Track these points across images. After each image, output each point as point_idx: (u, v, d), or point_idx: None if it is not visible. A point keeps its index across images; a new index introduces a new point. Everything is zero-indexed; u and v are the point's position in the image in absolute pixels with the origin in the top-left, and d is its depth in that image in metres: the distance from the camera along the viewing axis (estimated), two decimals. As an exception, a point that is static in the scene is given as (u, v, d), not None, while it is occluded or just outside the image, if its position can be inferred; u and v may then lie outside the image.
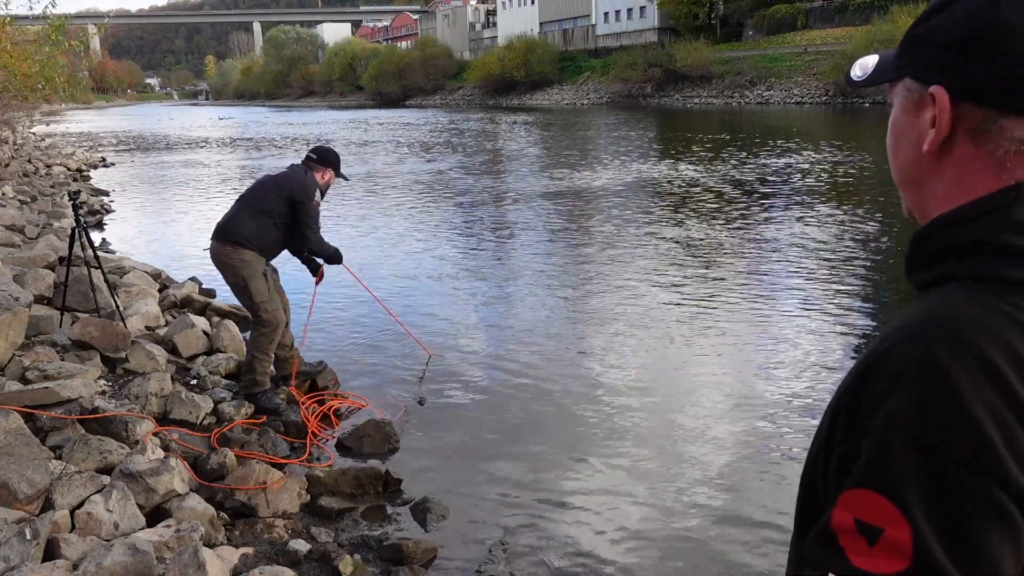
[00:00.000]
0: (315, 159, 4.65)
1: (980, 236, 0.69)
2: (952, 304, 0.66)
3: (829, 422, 0.69)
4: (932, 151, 0.75)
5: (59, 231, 8.66)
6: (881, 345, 0.67)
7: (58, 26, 13.92)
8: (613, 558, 3.20)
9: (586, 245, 9.24)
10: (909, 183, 0.79)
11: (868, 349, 0.69)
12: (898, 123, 0.79)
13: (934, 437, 0.60)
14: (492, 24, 79.02)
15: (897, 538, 0.59)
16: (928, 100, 0.74)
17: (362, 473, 3.73)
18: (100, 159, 21.98)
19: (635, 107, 43.78)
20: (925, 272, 0.74)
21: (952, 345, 0.62)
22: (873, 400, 0.64)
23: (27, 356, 4.35)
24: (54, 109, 46.54)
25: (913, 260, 0.76)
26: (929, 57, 0.75)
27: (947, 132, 0.73)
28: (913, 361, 0.63)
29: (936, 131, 0.74)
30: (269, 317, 4.42)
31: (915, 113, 0.76)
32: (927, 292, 0.72)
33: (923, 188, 0.77)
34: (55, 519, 2.82)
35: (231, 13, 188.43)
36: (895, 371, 0.63)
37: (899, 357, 0.64)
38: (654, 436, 4.24)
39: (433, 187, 14.97)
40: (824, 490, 0.68)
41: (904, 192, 0.81)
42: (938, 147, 0.74)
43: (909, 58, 0.77)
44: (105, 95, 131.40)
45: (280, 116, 53.97)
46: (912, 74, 0.77)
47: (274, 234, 4.47)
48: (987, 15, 0.69)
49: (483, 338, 6.00)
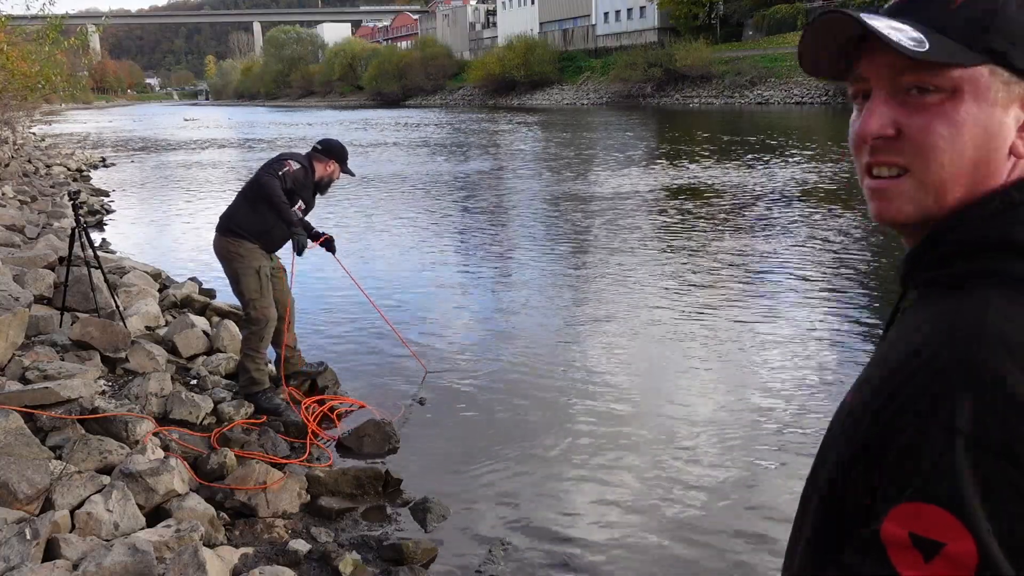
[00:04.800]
0: (320, 150, 4.66)
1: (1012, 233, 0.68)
2: (996, 309, 0.64)
3: (868, 428, 0.65)
4: (1021, 154, 0.71)
5: (59, 231, 8.65)
6: (926, 350, 0.64)
7: (56, 25, 13.92)
8: (613, 558, 3.20)
9: (587, 247, 9.24)
10: (961, 184, 0.71)
11: (904, 353, 0.66)
12: (974, 116, 0.70)
13: (997, 446, 0.58)
14: (492, 24, 79.03)
15: (959, 551, 0.57)
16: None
17: (362, 473, 3.73)
18: (100, 159, 21.97)
19: (635, 107, 43.78)
20: (938, 269, 0.72)
21: (1005, 351, 0.61)
22: (924, 410, 0.61)
23: (27, 356, 4.35)
24: (54, 109, 46.52)
25: (928, 257, 0.74)
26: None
27: None
28: (966, 368, 0.60)
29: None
30: (258, 315, 4.43)
31: (1004, 107, 0.70)
32: (950, 292, 0.69)
33: (972, 190, 0.72)
34: (55, 519, 2.82)
35: (231, 13, 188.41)
36: (948, 379, 0.61)
37: (950, 364, 0.61)
38: (654, 437, 4.24)
39: (434, 188, 14.97)
40: (859, 499, 0.64)
41: (940, 193, 0.72)
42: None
43: (999, 42, 0.69)
44: (105, 95, 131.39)
45: (280, 116, 54.00)
46: (1004, 63, 0.70)
47: (268, 221, 4.46)
48: None
49: (483, 340, 6.00)
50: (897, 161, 0.73)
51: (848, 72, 0.78)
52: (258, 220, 4.45)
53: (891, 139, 0.72)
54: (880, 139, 0.73)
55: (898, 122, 0.72)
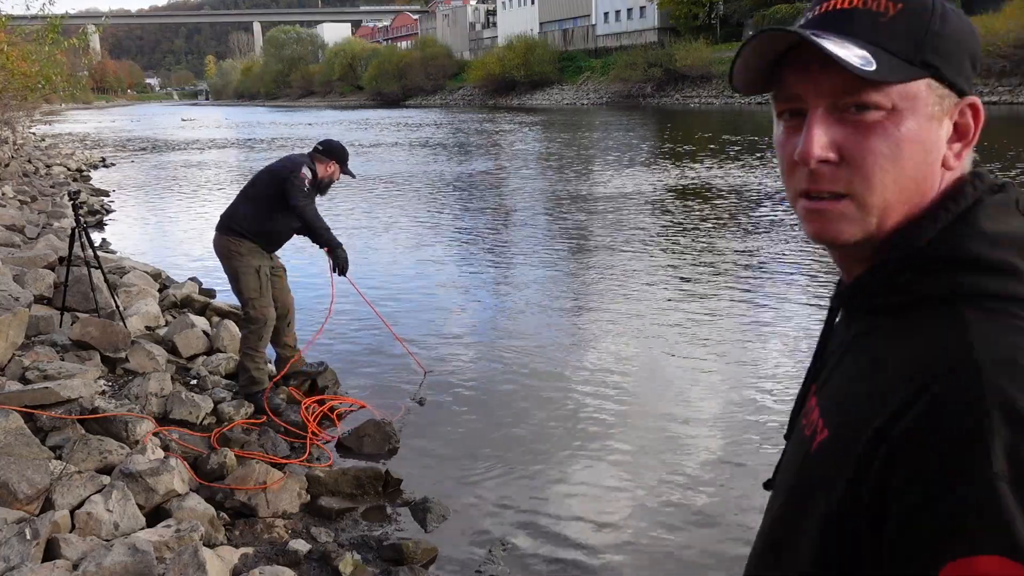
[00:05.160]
0: (320, 150, 4.67)
1: (977, 250, 0.67)
2: (987, 333, 0.63)
3: (878, 476, 0.61)
4: (952, 167, 0.72)
5: (59, 231, 8.65)
6: (929, 387, 0.61)
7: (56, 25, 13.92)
8: (613, 558, 3.20)
9: (588, 247, 9.24)
10: (904, 202, 0.71)
11: (897, 390, 0.63)
12: (914, 132, 0.69)
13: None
14: (492, 24, 79.03)
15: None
16: (960, 110, 0.72)
17: (362, 473, 3.73)
18: (100, 159, 21.97)
19: (635, 107, 43.78)
20: (897, 293, 0.70)
21: (1007, 377, 0.59)
22: (954, 454, 0.57)
23: (27, 356, 4.35)
24: (54, 109, 46.52)
25: (883, 281, 0.72)
26: (956, 64, 0.71)
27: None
28: (982, 405, 0.58)
29: (968, 144, 0.72)
30: (256, 314, 4.44)
31: (939, 121, 0.71)
32: (920, 316, 0.68)
33: (913, 207, 0.71)
34: (55, 519, 2.82)
35: (231, 13, 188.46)
36: (970, 421, 0.58)
37: (963, 404, 0.59)
38: (656, 438, 4.24)
39: (435, 188, 14.97)
40: (865, 550, 0.62)
41: (883, 214, 0.71)
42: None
43: (932, 56, 0.70)
44: (105, 95, 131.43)
45: (280, 116, 54.00)
46: (939, 77, 0.70)
47: (270, 222, 4.48)
48: (975, 36, 0.73)
49: (484, 340, 6.00)
50: (838, 188, 0.71)
51: (768, 88, 0.76)
52: (259, 220, 4.46)
53: (833, 164, 0.70)
54: (823, 162, 0.70)
55: (839, 144, 0.70)
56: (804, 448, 0.75)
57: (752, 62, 0.74)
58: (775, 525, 0.78)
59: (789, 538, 0.73)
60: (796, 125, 0.73)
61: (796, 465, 0.77)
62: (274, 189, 4.48)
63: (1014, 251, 0.68)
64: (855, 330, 0.77)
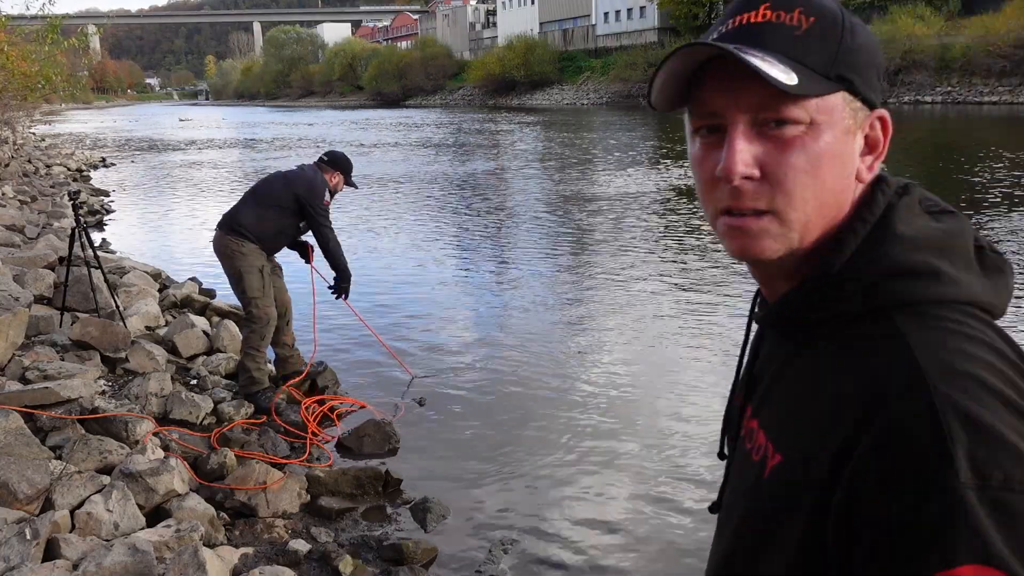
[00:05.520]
0: (326, 161, 4.73)
1: (901, 259, 0.68)
2: (927, 343, 0.63)
3: (845, 498, 0.61)
4: (865, 180, 0.73)
5: (59, 231, 8.65)
6: (888, 407, 0.61)
7: (56, 26, 13.93)
8: (613, 558, 3.20)
9: (590, 248, 9.24)
10: (823, 216, 0.71)
11: (850, 409, 0.63)
12: (832, 147, 0.69)
13: (998, 482, 0.56)
14: (492, 24, 79.04)
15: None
16: (871, 123, 0.72)
17: (362, 473, 3.73)
18: (100, 159, 21.97)
19: (635, 107, 43.75)
20: (831, 311, 0.70)
21: (967, 385, 0.60)
22: (919, 470, 0.57)
23: (27, 356, 4.35)
24: (54, 109, 46.51)
25: (814, 300, 0.71)
26: (866, 77, 0.71)
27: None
28: (941, 416, 0.58)
29: (878, 157, 0.73)
30: (260, 313, 4.45)
31: (853, 134, 0.71)
32: (861, 330, 0.68)
33: (832, 220, 0.72)
34: (55, 519, 2.82)
35: (231, 13, 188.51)
36: (932, 434, 0.58)
37: (925, 417, 0.59)
38: (655, 438, 4.24)
39: (436, 188, 14.97)
40: (843, 569, 0.61)
41: (805, 229, 0.70)
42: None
43: (849, 72, 0.70)
44: (105, 95, 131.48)
45: (280, 116, 54.00)
46: (852, 90, 0.70)
47: (275, 227, 4.51)
48: (879, 49, 0.73)
49: (484, 340, 6.00)
50: (760, 205, 0.70)
51: (683, 104, 0.74)
52: (264, 224, 4.47)
53: (755, 180, 0.69)
54: (746, 179, 0.69)
55: (760, 160, 0.69)
56: (755, 472, 0.74)
57: (671, 78, 0.72)
58: (731, 552, 0.77)
59: (749, 565, 0.72)
60: (715, 141, 0.72)
61: (748, 489, 0.76)
62: (286, 200, 4.50)
63: (931, 252, 0.68)
64: (788, 349, 0.76)
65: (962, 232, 0.72)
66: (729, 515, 0.83)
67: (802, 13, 0.69)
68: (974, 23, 33.43)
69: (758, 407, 0.80)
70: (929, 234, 0.70)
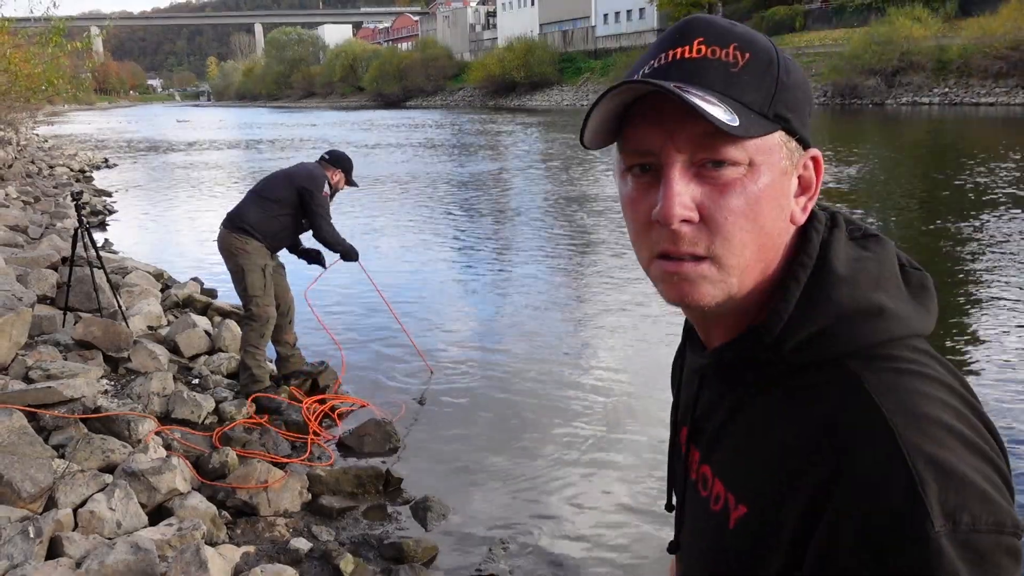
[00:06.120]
0: (327, 159, 4.79)
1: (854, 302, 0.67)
2: (886, 388, 0.62)
3: (820, 550, 0.60)
4: (799, 222, 0.71)
5: (62, 231, 8.68)
6: (855, 459, 0.60)
7: (59, 28, 13.96)
8: (614, 558, 3.22)
9: (592, 248, 9.25)
10: (760, 260, 0.69)
11: (818, 463, 0.62)
12: (769, 189, 0.67)
13: (968, 525, 0.57)
14: (492, 25, 79.10)
15: None
16: (804, 163, 0.71)
17: (363, 472, 3.75)
18: (103, 160, 22.01)
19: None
20: (781, 361, 0.68)
21: (930, 430, 0.60)
22: (894, 522, 0.57)
23: (30, 355, 4.37)
24: (57, 110, 46.58)
25: (762, 350, 0.69)
26: (802, 115, 0.69)
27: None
28: (910, 464, 0.58)
29: (811, 198, 0.72)
30: (260, 312, 4.48)
31: (789, 175, 0.69)
32: (813, 378, 0.66)
33: (769, 263, 0.70)
34: (58, 518, 2.83)
35: (233, 15, 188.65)
36: (903, 484, 0.58)
37: (895, 466, 0.59)
38: (657, 438, 4.25)
39: (437, 188, 14.99)
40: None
41: (744, 274, 0.68)
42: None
43: (786, 111, 0.68)
44: (108, 96, 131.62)
45: (281, 117, 54.04)
46: (788, 129, 0.68)
47: (279, 223, 4.55)
48: (810, 85, 0.72)
49: (485, 340, 6.01)
50: (699, 251, 0.67)
51: (611, 140, 0.71)
52: (268, 222, 4.50)
53: (693, 224, 0.66)
54: (684, 223, 0.66)
55: (699, 203, 0.66)
56: (718, 521, 0.73)
57: (607, 116, 0.69)
58: None
59: None
60: (649, 181, 0.68)
61: (713, 538, 0.74)
62: (289, 195, 4.54)
63: (870, 287, 0.68)
64: (737, 394, 0.74)
65: (889, 256, 0.71)
66: (691, 561, 0.82)
67: (737, 49, 0.67)
68: (971, 25, 33.43)
69: (707, 453, 0.78)
70: (866, 267, 0.69)
